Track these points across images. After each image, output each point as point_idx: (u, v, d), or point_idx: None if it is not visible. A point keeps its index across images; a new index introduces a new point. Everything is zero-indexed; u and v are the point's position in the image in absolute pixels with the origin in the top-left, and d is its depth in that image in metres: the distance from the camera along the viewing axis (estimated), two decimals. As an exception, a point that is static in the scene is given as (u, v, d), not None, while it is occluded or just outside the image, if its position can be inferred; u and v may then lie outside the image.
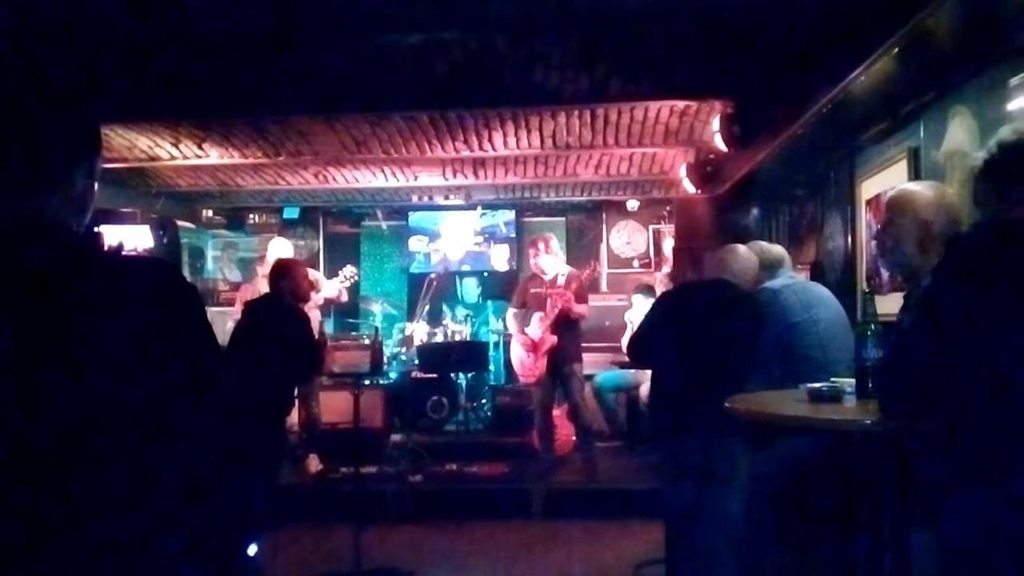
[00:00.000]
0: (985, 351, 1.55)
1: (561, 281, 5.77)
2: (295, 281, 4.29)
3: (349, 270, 6.43)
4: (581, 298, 5.77)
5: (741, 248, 3.67)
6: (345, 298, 6.45)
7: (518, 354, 5.94)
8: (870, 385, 2.20)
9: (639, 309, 6.30)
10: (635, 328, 4.27)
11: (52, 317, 1.02)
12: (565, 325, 5.70)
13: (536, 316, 5.76)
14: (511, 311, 6.08)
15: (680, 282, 6.06)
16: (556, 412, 6.08)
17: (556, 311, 5.65)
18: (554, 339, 5.67)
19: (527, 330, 5.82)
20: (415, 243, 8.98)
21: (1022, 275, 1.53)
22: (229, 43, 4.02)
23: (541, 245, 5.87)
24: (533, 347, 5.78)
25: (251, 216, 8.72)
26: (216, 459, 1.15)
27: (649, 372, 4.51)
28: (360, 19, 3.79)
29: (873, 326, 2.30)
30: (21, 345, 1.01)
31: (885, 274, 4.15)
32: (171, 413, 1.09)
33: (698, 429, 3.33)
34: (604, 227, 8.83)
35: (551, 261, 5.85)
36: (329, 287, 6.24)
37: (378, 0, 3.69)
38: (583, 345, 5.97)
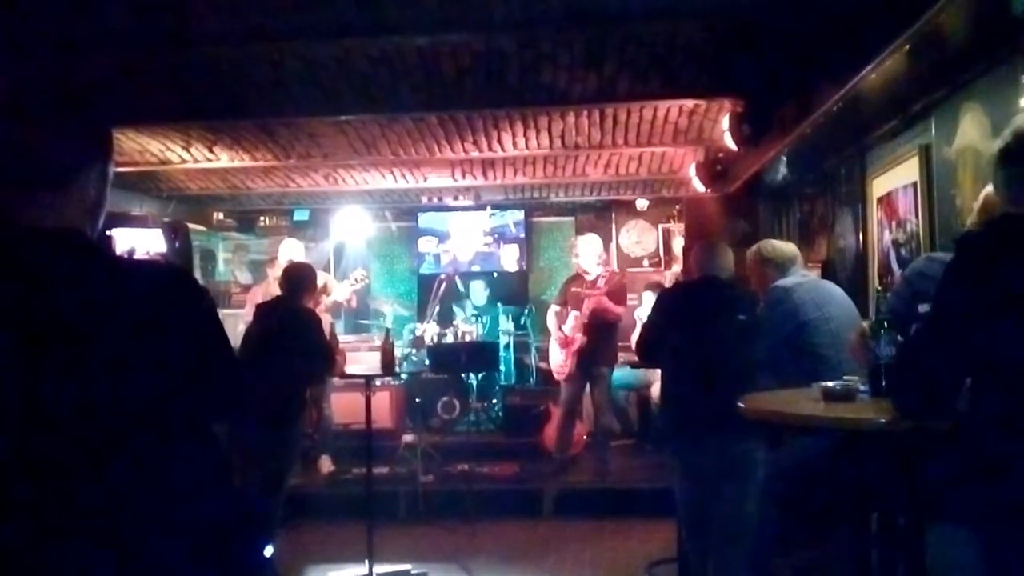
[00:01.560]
0: (993, 350, 1.54)
1: (601, 283, 5.81)
2: (307, 283, 4.31)
3: (360, 273, 6.44)
4: (618, 299, 5.82)
5: (719, 243, 3.75)
6: (355, 303, 6.44)
7: (554, 351, 6.01)
8: (884, 383, 2.20)
9: (648, 307, 6.31)
10: (641, 328, 4.27)
11: (65, 320, 1.03)
12: (599, 326, 5.74)
13: (572, 315, 5.83)
14: (553, 308, 6.17)
15: (676, 281, 6.09)
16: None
17: (589, 311, 5.69)
18: (583, 339, 5.71)
19: (563, 327, 5.88)
20: (425, 244, 8.98)
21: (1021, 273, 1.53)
22: (239, 46, 4.04)
23: (584, 246, 5.90)
24: (565, 344, 5.83)
25: (262, 218, 8.75)
26: (229, 461, 1.16)
27: (659, 371, 4.52)
28: (368, 21, 3.80)
29: (886, 324, 2.29)
30: (36, 347, 1.01)
31: (897, 272, 4.13)
32: (184, 416, 1.09)
33: (706, 427, 3.33)
34: (614, 227, 8.81)
35: (594, 263, 5.88)
36: (340, 290, 6.26)
37: (385, 2, 3.69)
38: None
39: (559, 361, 5.91)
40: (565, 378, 5.90)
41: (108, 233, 1.35)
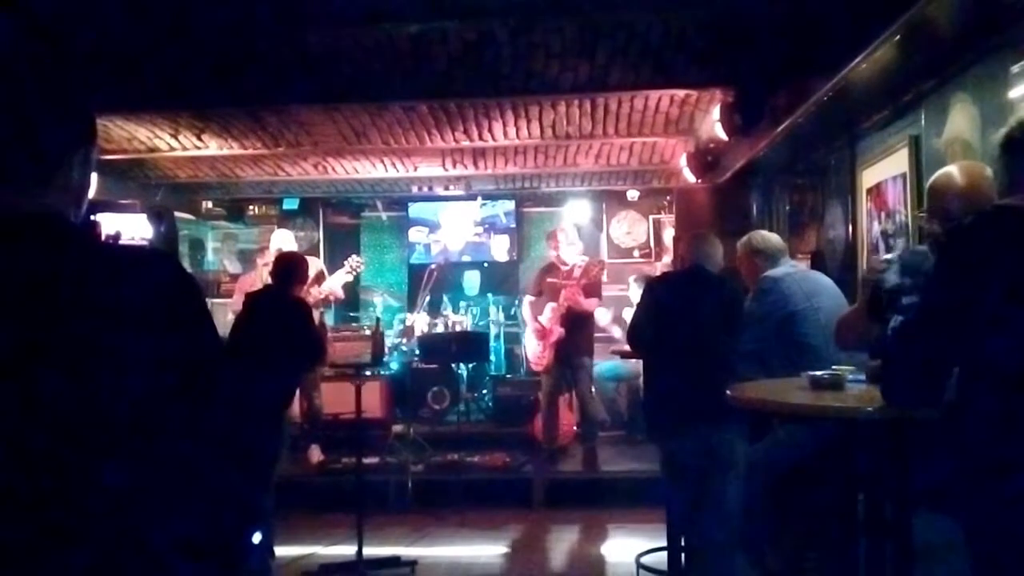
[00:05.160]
0: (982, 341, 1.55)
1: (577, 273, 5.78)
2: (298, 273, 4.29)
3: (354, 260, 6.38)
4: (593, 291, 5.78)
5: (710, 235, 3.76)
6: (341, 295, 6.34)
7: (531, 342, 6.00)
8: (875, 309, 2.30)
9: (634, 298, 6.36)
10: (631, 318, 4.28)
11: (50, 309, 1.02)
12: (575, 318, 5.72)
13: (549, 306, 5.80)
14: (527, 298, 6.15)
15: (664, 271, 6.12)
16: (559, 402, 6.09)
17: (565, 306, 5.67)
18: (561, 331, 5.69)
19: (540, 318, 5.86)
20: (415, 234, 8.97)
21: (1016, 264, 1.53)
22: (228, 33, 4.01)
23: (561, 236, 5.90)
24: (542, 335, 5.80)
25: (251, 207, 8.70)
26: (217, 453, 1.15)
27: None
28: (359, 9, 3.78)
29: (899, 256, 2.33)
30: (17, 338, 1.00)
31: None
32: (171, 407, 1.08)
33: (687, 418, 3.35)
34: (604, 217, 8.81)
35: (572, 252, 5.87)
36: (335, 278, 6.22)
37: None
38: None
39: (536, 352, 5.90)
40: (544, 369, 5.89)
41: (93, 218, 1.34)
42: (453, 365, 6.96)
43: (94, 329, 1.02)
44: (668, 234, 8.05)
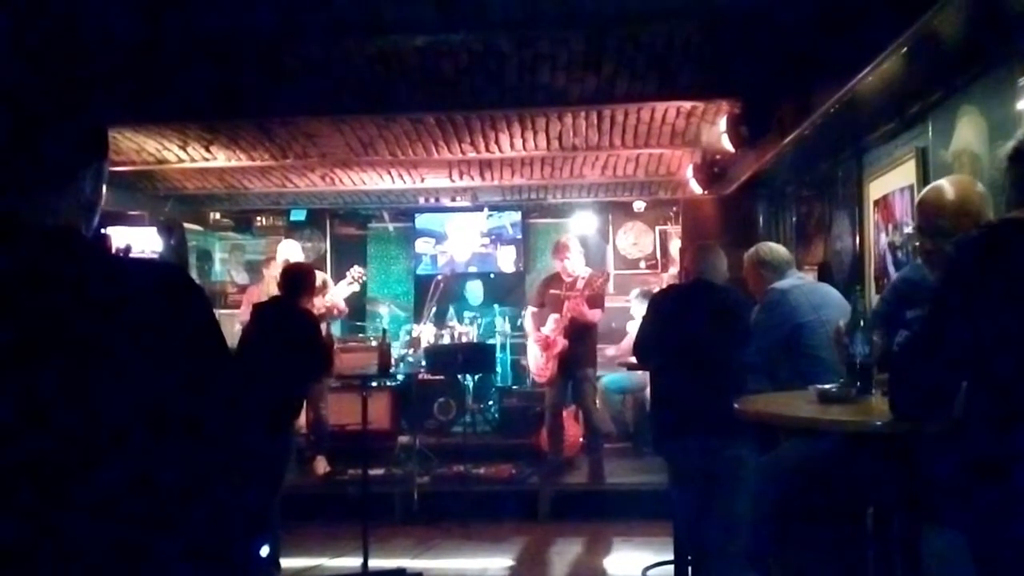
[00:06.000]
0: (989, 353, 1.54)
1: (581, 284, 5.77)
2: (306, 284, 4.30)
3: (357, 270, 6.37)
4: (595, 303, 5.77)
5: (714, 246, 3.75)
6: (344, 308, 6.31)
7: (533, 353, 5.98)
8: (859, 383, 2.31)
9: (636, 313, 6.40)
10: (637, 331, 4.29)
11: (60, 319, 1.02)
12: (578, 329, 5.71)
13: (552, 317, 5.79)
14: (530, 310, 6.15)
15: (669, 284, 6.11)
16: (564, 413, 6.08)
17: (568, 317, 5.66)
18: (564, 343, 5.68)
19: (543, 329, 5.85)
20: (422, 245, 8.99)
21: (1021, 276, 1.53)
22: (236, 45, 4.03)
23: (568, 249, 5.86)
24: (546, 347, 5.79)
25: (258, 218, 8.74)
26: (224, 462, 1.15)
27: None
28: (366, 21, 3.80)
29: (862, 323, 2.33)
30: (28, 346, 1.01)
31: (893, 275, 4.14)
32: (180, 417, 1.08)
33: (693, 430, 3.34)
34: (611, 228, 8.82)
35: (578, 265, 5.87)
36: (336, 292, 6.23)
37: (383, 2, 3.69)
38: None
39: (539, 363, 5.89)
40: (547, 381, 5.87)
41: (104, 231, 1.35)
42: (459, 376, 6.95)
43: (102, 337, 1.02)
44: (675, 245, 8.05)
